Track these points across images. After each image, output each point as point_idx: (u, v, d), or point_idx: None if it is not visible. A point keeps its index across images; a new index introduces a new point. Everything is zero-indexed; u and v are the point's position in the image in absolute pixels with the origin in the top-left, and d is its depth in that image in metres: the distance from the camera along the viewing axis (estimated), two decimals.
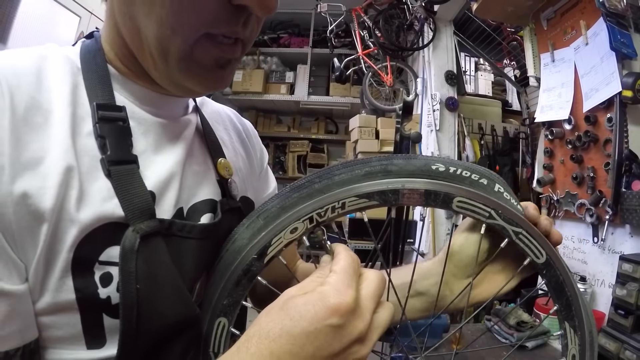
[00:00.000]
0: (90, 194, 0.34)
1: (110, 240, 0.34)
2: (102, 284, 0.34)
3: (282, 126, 4.23)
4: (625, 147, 1.30)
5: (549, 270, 0.42)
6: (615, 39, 1.38)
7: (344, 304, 0.29)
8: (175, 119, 0.45)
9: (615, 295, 1.04)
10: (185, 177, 0.43)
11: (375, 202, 0.39)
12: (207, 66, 0.39)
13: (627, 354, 0.97)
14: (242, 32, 0.39)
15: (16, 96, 0.32)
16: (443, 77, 2.85)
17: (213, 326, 0.39)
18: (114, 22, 0.40)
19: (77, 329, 0.34)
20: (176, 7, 0.34)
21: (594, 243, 1.36)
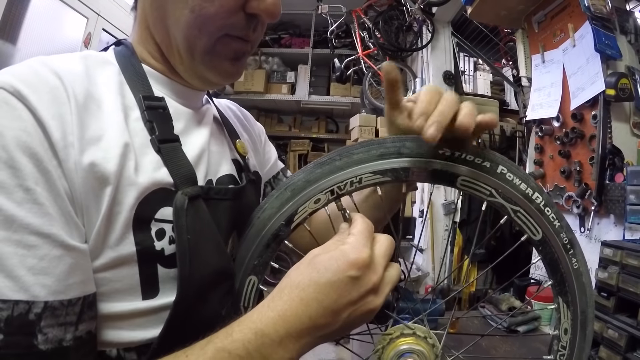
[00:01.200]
0: (144, 165, 0.41)
1: (163, 201, 0.41)
2: (157, 237, 0.41)
3: (283, 125, 4.33)
4: (609, 142, 1.41)
5: (544, 247, 0.46)
6: (599, 41, 1.49)
7: (361, 259, 0.36)
8: (197, 108, 0.54)
9: (598, 278, 1.14)
10: (211, 155, 0.51)
11: (388, 178, 0.45)
12: (227, 58, 0.48)
13: (610, 333, 1.06)
14: (253, 35, 0.49)
15: (76, 89, 0.38)
16: (441, 77, 2.94)
17: (245, 283, 0.46)
18: (145, 26, 0.49)
19: (135, 280, 0.39)
20: (203, 14, 0.43)
21: (581, 233, 1.46)
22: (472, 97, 3.22)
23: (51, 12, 2.23)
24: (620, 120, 1.48)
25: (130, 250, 0.39)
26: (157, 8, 0.46)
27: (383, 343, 0.47)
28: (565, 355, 0.48)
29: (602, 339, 1.07)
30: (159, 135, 0.44)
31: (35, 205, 0.33)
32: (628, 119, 1.49)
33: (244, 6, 0.45)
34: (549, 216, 0.46)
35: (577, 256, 0.48)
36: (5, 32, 1.94)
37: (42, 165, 0.33)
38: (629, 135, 1.48)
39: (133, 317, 0.40)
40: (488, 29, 2.98)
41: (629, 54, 1.56)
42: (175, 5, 0.44)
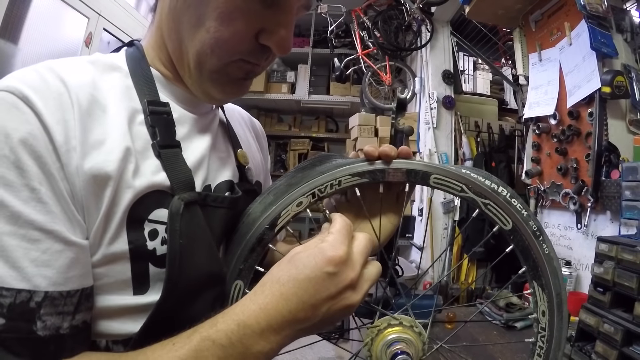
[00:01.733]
0: (143, 168, 0.42)
1: (158, 203, 0.43)
2: (150, 237, 0.42)
3: (283, 125, 4.35)
4: (605, 139, 1.42)
5: (515, 235, 0.48)
6: (595, 40, 1.50)
7: (337, 256, 0.38)
8: (203, 114, 0.54)
9: (594, 273, 1.15)
10: (211, 161, 0.52)
11: (366, 180, 0.47)
12: (236, 78, 0.49)
13: (605, 327, 1.08)
14: (264, 63, 0.50)
15: (80, 95, 0.40)
16: (440, 76, 2.95)
17: (231, 288, 0.47)
18: (160, 33, 0.50)
19: (127, 276, 0.41)
20: (217, 37, 0.44)
21: (578, 229, 1.47)
22: (471, 96, 3.24)
23: (52, 12, 2.23)
24: (616, 117, 1.49)
25: (123, 248, 0.40)
26: (173, 19, 0.47)
27: (371, 335, 0.49)
28: (545, 336, 0.50)
29: (598, 334, 1.08)
30: (160, 140, 0.45)
31: (40, 204, 0.35)
32: (624, 116, 1.51)
33: (257, 36, 0.46)
34: (516, 206, 0.48)
35: (546, 242, 0.50)
36: (7, 32, 1.94)
37: (46, 167, 0.36)
38: (625, 132, 1.50)
39: (123, 311, 0.41)
40: (487, 28, 2.99)
41: (625, 52, 1.58)
42: (191, 21, 0.45)
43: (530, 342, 0.52)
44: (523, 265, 0.50)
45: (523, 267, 0.50)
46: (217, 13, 0.44)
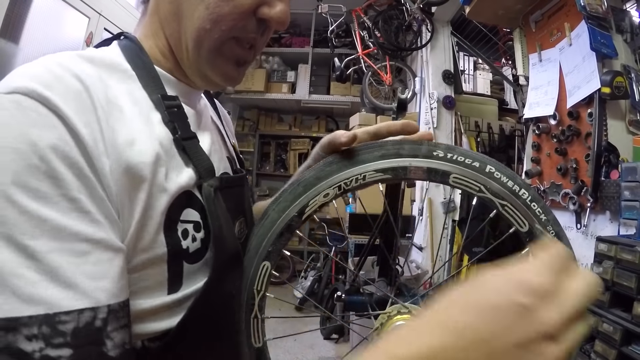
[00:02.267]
0: (172, 170, 0.43)
1: (186, 204, 0.43)
2: (183, 237, 0.42)
3: (283, 125, 4.36)
4: (604, 139, 1.43)
5: (532, 238, 0.49)
6: (595, 40, 1.51)
7: (538, 282, 0.25)
8: (196, 108, 0.55)
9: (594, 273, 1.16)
10: (214, 154, 0.54)
11: (388, 176, 0.50)
12: (230, 62, 0.49)
13: (605, 327, 1.08)
14: (259, 40, 0.50)
15: (99, 94, 0.38)
16: (440, 76, 2.96)
17: (259, 268, 0.50)
18: (157, 18, 0.49)
19: (164, 277, 0.41)
20: (217, 12, 0.45)
21: (578, 229, 1.48)
22: (471, 96, 3.24)
23: (53, 12, 2.24)
24: (616, 118, 1.50)
25: (162, 251, 0.40)
26: (172, 1, 0.47)
27: (382, 321, 0.51)
28: None
29: (597, 333, 1.09)
30: (182, 134, 0.45)
31: (82, 214, 0.32)
32: (624, 116, 1.51)
33: (256, 11, 0.47)
34: (535, 210, 0.49)
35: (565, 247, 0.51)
36: (7, 32, 1.94)
37: (83, 172, 0.33)
38: (625, 132, 1.50)
39: (157, 311, 0.40)
40: (487, 28, 3.00)
41: (625, 53, 1.59)
42: (192, 2, 0.45)
43: None
44: None
45: None
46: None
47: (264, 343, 0.51)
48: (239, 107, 4.47)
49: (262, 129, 4.34)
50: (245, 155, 4.60)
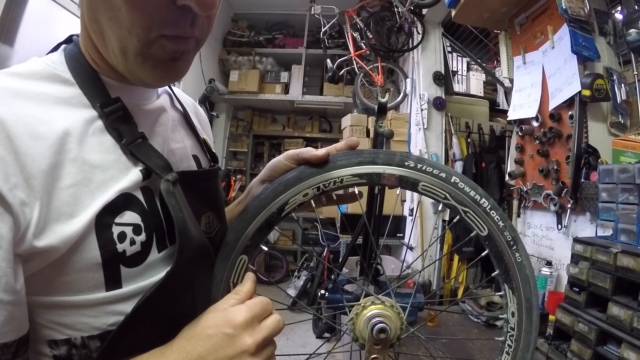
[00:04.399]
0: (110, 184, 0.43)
1: (122, 206, 0.43)
2: (119, 240, 0.42)
3: (277, 125, 4.37)
4: (584, 141, 1.44)
5: (490, 241, 0.55)
6: (576, 43, 1.52)
7: (237, 320, 0.42)
8: (148, 104, 0.53)
9: (570, 273, 1.17)
10: (170, 153, 0.53)
11: (364, 181, 0.55)
12: (163, 59, 0.44)
13: (580, 327, 1.10)
14: (192, 31, 0.44)
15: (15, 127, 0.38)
16: (431, 77, 2.97)
17: (236, 261, 0.53)
18: (83, 24, 0.47)
19: (100, 280, 0.41)
20: (129, 11, 0.40)
21: (559, 230, 1.50)
22: (462, 97, 3.25)
23: (47, 14, 2.25)
24: (597, 120, 1.51)
25: (95, 254, 0.40)
26: (90, 7, 0.44)
27: (356, 311, 0.55)
28: (514, 336, 0.56)
29: (573, 333, 1.10)
30: (127, 139, 0.45)
31: None
32: (605, 118, 1.53)
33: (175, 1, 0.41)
34: (494, 217, 0.55)
35: (520, 251, 0.56)
36: (2, 35, 1.95)
37: None
38: (606, 134, 1.52)
39: (95, 305, 0.41)
40: (478, 29, 3.01)
41: (608, 55, 1.60)
42: (105, 4, 0.41)
43: (500, 340, 0.58)
44: (496, 269, 0.57)
45: (496, 270, 0.57)
46: None
47: None
48: (232, 108, 4.48)
49: (255, 130, 4.35)
50: (239, 155, 4.66)
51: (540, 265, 1.51)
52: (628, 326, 0.93)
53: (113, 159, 0.44)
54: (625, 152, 1.25)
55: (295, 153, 0.59)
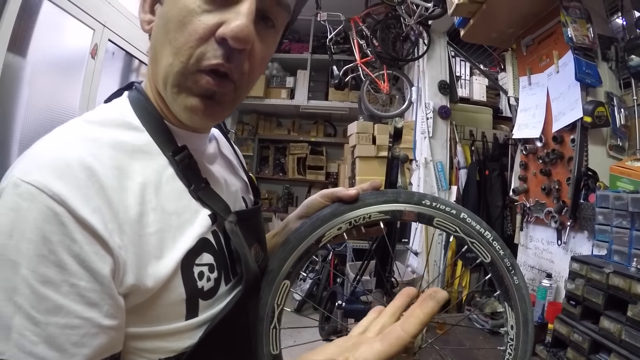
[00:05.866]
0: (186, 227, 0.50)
1: (201, 249, 0.50)
2: (199, 278, 0.50)
3: (282, 129, 4.48)
4: (584, 164, 1.59)
5: (492, 267, 0.67)
6: (580, 71, 1.66)
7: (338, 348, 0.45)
8: (207, 151, 0.61)
9: (567, 288, 1.32)
10: (229, 196, 0.61)
11: (388, 217, 0.66)
12: (196, 94, 0.48)
13: (575, 337, 1.24)
14: (228, 66, 0.47)
15: (106, 177, 0.43)
16: (436, 86, 3.11)
17: (280, 286, 0.62)
18: (150, 73, 0.54)
19: (182, 313, 0.48)
20: (176, 44, 0.46)
21: (559, 245, 1.64)
22: (466, 105, 3.39)
23: (58, 25, 2.29)
24: (597, 143, 1.65)
25: (181, 291, 0.48)
26: (151, 49, 0.51)
27: None
28: (513, 345, 0.68)
29: (569, 342, 1.25)
30: (195, 185, 0.53)
31: (79, 297, 0.39)
32: (605, 141, 1.67)
33: (215, 34, 0.46)
34: (495, 247, 0.67)
35: (517, 275, 0.69)
36: (15, 46, 1.97)
37: (86, 263, 0.40)
38: (605, 156, 1.66)
39: (175, 333, 0.48)
40: None
41: (609, 80, 1.73)
42: (161, 43, 0.48)
43: (502, 349, 0.70)
44: (497, 289, 0.69)
45: (497, 290, 0.69)
46: (175, 24, 0.47)
47: (280, 351, 0.63)
48: (238, 112, 4.57)
49: (261, 133, 4.47)
50: (244, 158, 4.70)
51: (541, 277, 1.66)
52: (617, 338, 1.08)
53: (185, 204, 0.51)
54: (621, 178, 1.40)
55: (329, 192, 0.71)
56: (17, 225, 0.38)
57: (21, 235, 0.38)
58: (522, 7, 1.89)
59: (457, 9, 1.98)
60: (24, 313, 0.38)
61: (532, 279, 1.79)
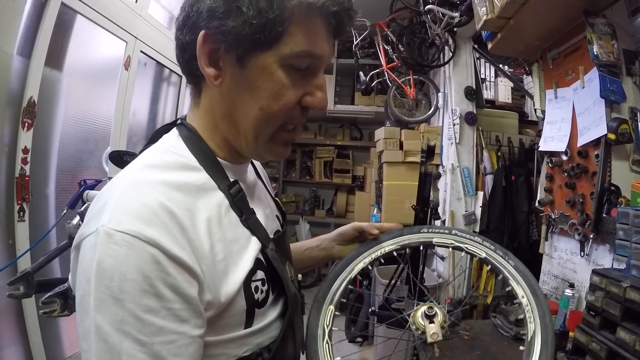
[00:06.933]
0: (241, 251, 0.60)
1: (256, 267, 0.61)
2: (255, 292, 0.60)
3: (309, 133, 4.63)
4: (608, 179, 1.68)
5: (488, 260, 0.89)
6: (605, 88, 1.74)
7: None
8: (248, 181, 0.71)
9: (587, 300, 1.42)
10: (267, 219, 0.70)
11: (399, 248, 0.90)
12: (281, 144, 0.63)
13: (593, 345, 1.35)
14: (301, 121, 0.64)
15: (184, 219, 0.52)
16: (463, 92, 3.17)
17: (327, 310, 0.82)
18: (212, 117, 0.63)
19: (242, 321, 0.59)
20: (270, 112, 0.58)
21: (582, 256, 1.75)
22: (492, 110, 3.45)
23: (92, 39, 2.38)
24: (620, 158, 1.73)
25: (242, 303, 0.58)
26: (227, 103, 0.60)
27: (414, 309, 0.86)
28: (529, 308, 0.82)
29: (588, 350, 1.36)
30: (245, 215, 0.63)
31: (175, 317, 0.48)
32: (628, 156, 1.75)
33: (300, 101, 0.59)
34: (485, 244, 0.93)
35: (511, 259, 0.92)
36: (52, 60, 2.06)
37: (179, 290, 0.48)
38: (628, 171, 1.73)
39: (235, 340, 0.58)
40: None
41: (634, 95, 1.79)
42: (245, 103, 0.58)
43: (521, 318, 0.84)
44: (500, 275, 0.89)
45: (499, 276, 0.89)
46: (269, 93, 0.57)
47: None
48: None
49: None
50: (271, 162, 4.95)
51: (564, 287, 1.77)
52: (632, 348, 1.18)
53: (240, 232, 0.61)
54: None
55: (359, 226, 0.95)
56: (117, 268, 0.45)
57: (123, 277, 0.45)
58: (548, 23, 1.97)
59: (486, 24, 2.09)
60: (132, 338, 0.45)
61: (555, 288, 1.90)
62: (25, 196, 1.90)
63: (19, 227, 1.88)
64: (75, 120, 2.32)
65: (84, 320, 0.47)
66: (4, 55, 1.78)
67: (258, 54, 0.55)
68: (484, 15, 2.03)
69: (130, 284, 0.45)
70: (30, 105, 1.89)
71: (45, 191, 2.17)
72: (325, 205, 4.93)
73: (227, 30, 0.53)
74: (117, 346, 0.45)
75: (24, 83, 1.87)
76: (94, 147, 2.50)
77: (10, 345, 1.88)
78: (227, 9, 0.53)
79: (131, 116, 2.78)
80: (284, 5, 0.53)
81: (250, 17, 0.52)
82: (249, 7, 0.52)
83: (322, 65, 0.60)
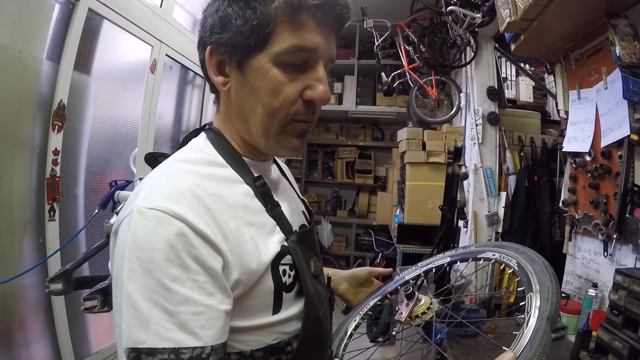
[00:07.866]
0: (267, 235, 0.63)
1: (284, 251, 0.64)
2: (283, 275, 0.63)
3: (330, 134, 4.72)
4: (631, 180, 1.71)
5: None
6: (627, 89, 1.76)
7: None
8: (272, 177, 0.75)
9: (611, 299, 1.47)
10: (292, 214, 0.73)
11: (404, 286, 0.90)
12: (294, 136, 0.65)
13: (616, 344, 1.38)
14: (312, 117, 0.66)
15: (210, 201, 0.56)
16: (485, 93, 3.19)
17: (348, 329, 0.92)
18: (229, 119, 0.69)
19: (270, 303, 0.61)
20: (272, 108, 0.61)
21: (605, 256, 1.78)
22: (514, 110, 3.45)
23: (119, 43, 2.47)
24: None
25: (270, 284, 0.61)
26: (236, 105, 0.66)
27: None
28: None
29: (610, 349, 1.41)
30: (270, 207, 0.66)
31: (201, 289, 0.50)
32: None
33: (302, 95, 0.62)
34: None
35: None
36: (80, 65, 2.16)
37: (203, 262, 0.51)
38: None
39: (264, 327, 0.61)
40: None
41: None
42: (250, 103, 0.63)
43: None
44: None
45: None
46: (267, 91, 0.61)
47: None
48: None
49: (310, 138, 4.55)
50: (294, 163, 5.08)
51: (588, 287, 1.80)
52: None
53: (265, 219, 0.65)
54: None
55: (370, 270, 1.05)
56: (147, 240, 0.49)
57: (152, 248, 0.49)
58: (571, 24, 1.99)
59: (509, 26, 2.13)
60: (160, 307, 0.47)
61: (579, 288, 1.93)
62: (56, 196, 2.01)
63: (49, 227, 1.98)
64: (104, 123, 2.42)
65: (117, 294, 0.50)
66: (34, 60, 1.87)
67: (253, 57, 0.61)
68: (507, 18, 2.07)
69: (159, 254, 0.49)
70: (60, 108, 1.99)
71: (75, 191, 2.27)
72: (347, 205, 5.00)
73: (225, 41, 0.61)
74: (145, 314, 0.47)
75: (54, 87, 1.97)
76: (122, 149, 2.61)
77: (39, 340, 2.00)
78: (223, 24, 0.61)
79: (157, 118, 2.89)
80: (267, 9, 0.58)
81: (240, 27, 0.59)
82: (236, 19, 0.59)
83: (319, 59, 0.63)
